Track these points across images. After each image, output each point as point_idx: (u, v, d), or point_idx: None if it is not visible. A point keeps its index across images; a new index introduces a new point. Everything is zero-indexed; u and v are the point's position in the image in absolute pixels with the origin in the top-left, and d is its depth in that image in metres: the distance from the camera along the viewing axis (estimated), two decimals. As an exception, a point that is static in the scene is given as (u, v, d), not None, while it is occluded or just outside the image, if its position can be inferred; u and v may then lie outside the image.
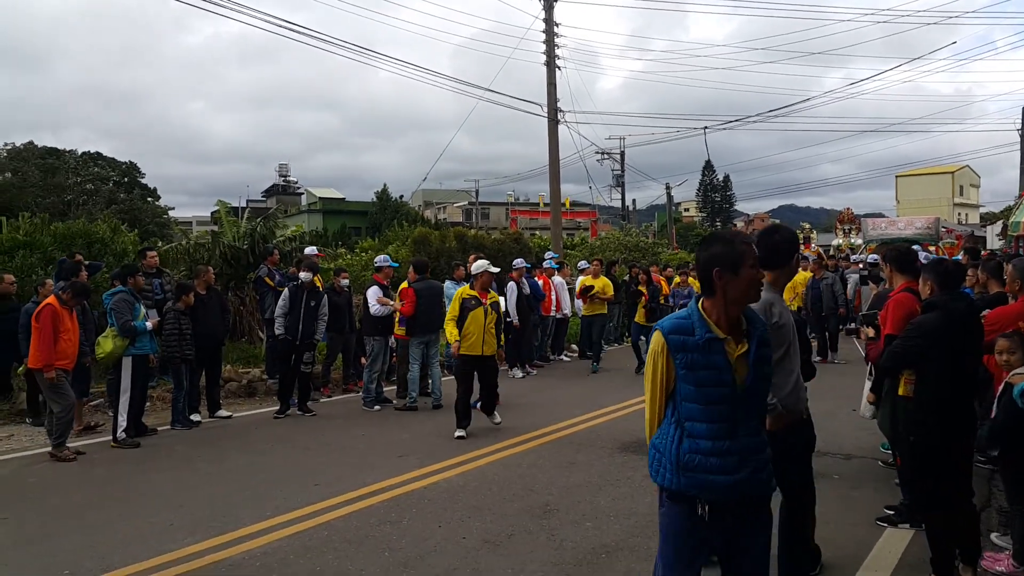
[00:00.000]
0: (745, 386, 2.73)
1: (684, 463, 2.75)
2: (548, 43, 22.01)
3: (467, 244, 20.75)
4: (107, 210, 28.51)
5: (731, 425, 2.72)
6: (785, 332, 3.76)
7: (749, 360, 2.74)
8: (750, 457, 2.75)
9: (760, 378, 2.78)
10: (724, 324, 2.76)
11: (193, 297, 8.92)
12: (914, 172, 66.95)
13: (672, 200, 48.66)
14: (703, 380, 2.72)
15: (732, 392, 2.71)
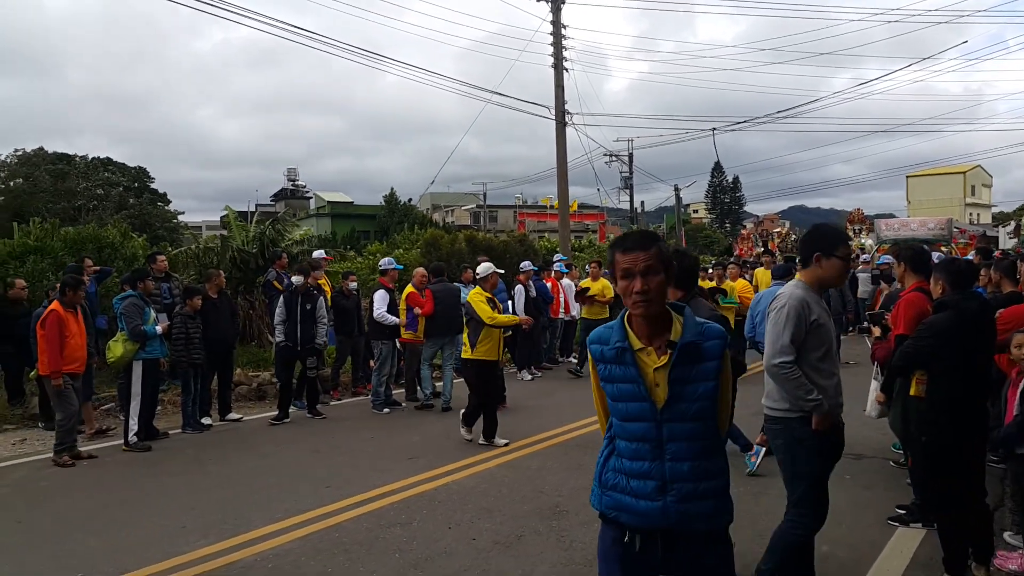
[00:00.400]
0: (665, 403, 2.44)
1: (604, 481, 2.58)
2: (556, 45, 22.01)
3: (477, 247, 20.76)
4: (117, 215, 28.68)
5: (653, 446, 2.46)
6: (823, 333, 3.62)
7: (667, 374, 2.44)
8: (676, 484, 2.44)
9: (682, 397, 2.44)
10: (645, 332, 2.49)
11: (200, 301, 8.96)
12: (925, 172, 66.56)
13: (681, 201, 48.57)
14: (619, 394, 2.51)
15: (651, 409, 2.45)
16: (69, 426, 7.57)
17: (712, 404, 2.47)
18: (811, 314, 3.59)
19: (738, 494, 5.93)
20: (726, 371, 2.52)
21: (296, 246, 15.13)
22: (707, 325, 2.50)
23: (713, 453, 2.53)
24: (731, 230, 64.54)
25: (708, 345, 2.46)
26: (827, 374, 3.62)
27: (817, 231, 3.87)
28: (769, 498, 5.88)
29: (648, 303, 2.43)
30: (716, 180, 79.51)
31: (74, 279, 8.06)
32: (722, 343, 2.49)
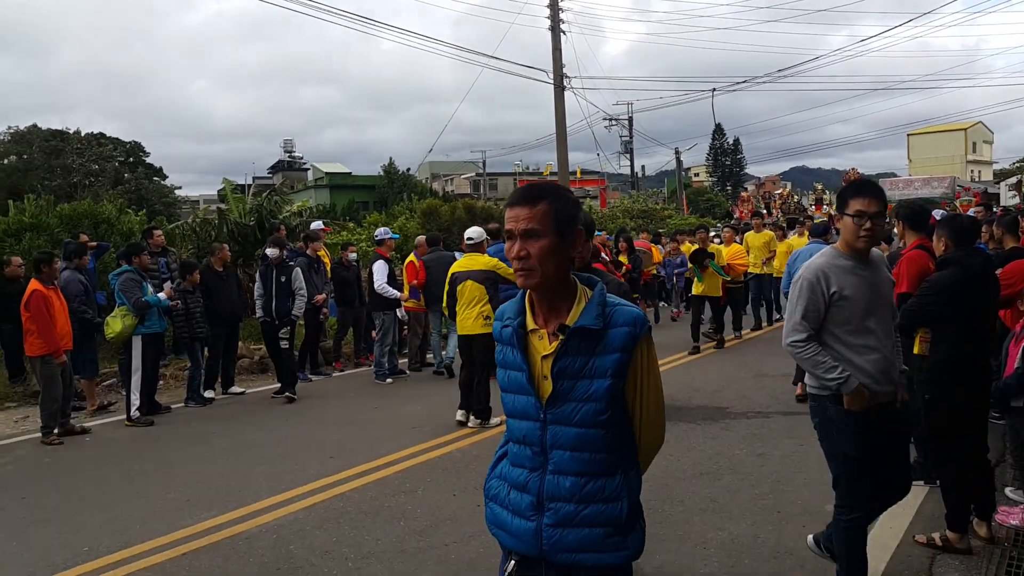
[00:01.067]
0: (549, 400, 2.02)
1: (487, 489, 2.24)
2: (552, 7, 21.70)
3: (476, 215, 20.65)
4: (113, 190, 28.54)
5: (535, 452, 2.06)
6: (850, 306, 3.33)
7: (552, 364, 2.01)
8: (554, 504, 2.03)
9: (568, 395, 2.00)
10: (542, 310, 2.07)
11: (199, 276, 8.92)
12: (926, 130, 65.95)
13: (681, 165, 48.29)
14: (508, 383, 2.12)
15: (535, 405, 2.04)
16: (53, 409, 7.52)
17: (610, 408, 1.99)
18: (830, 286, 3.33)
19: (739, 456, 6.00)
20: (639, 369, 2.02)
21: (294, 218, 15.04)
22: (617, 308, 2.02)
23: (609, 470, 2.04)
24: (732, 193, 64.17)
25: (613, 333, 1.98)
26: (861, 349, 3.35)
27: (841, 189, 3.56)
28: (773, 460, 5.89)
29: (527, 273, 1.98)
30: (717, 143, 78.84)
31: (45, 253, 8.02)
32: (632, 332, 1.99)
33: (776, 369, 9.42)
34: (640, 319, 2.02)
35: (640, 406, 2.06)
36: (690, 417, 7.31)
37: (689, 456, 6.07)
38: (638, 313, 2.04)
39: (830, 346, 3.41)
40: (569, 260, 2.04)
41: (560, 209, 2.00)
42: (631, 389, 2.04)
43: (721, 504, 5.01)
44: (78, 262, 8.70)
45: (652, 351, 2.07)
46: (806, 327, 3.40)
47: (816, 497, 5.04)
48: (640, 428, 2.09)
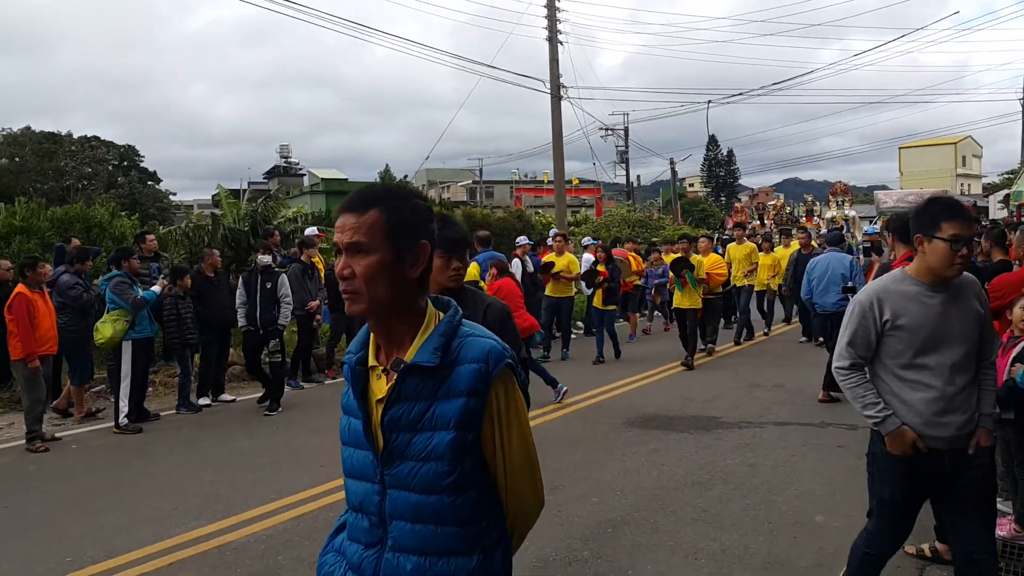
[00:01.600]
0: (382, 457, 1.66)
1: (319, 565, 1.87)
2: (550, 18, 21.75)
3: (474, 223, 20.67)
4: (106, 194, 28.46)
5: (373, 523, 1.70)
6: (907, 336, 3.01)
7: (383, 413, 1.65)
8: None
9: (404, 452, 1.63)
10: (382, 341, 1.72)
11: (190, 280, 8.87)
12: (917, 144, 66.38)
13: (676, 175, 48.42)
14: (346, 434, 1.79)
15: (373, 463, 1.67)
16: (38, 412, 7.47)
17: (456, 469, 1.59)
18: (883, 312, 3.04)
19: (731, 466, 5.98)
20: (496, 416, 1.63)
21: (289, 224, 15.01)
22: (469, 340, 1.64)
23: (461, 549, 1.63)
24: (726, 203, 64.40)
25: (459, 372, 1.60)
26: (915, 385, 3.03)
27: (923, 207, 3.13)
28: (765, 470, 5.87)
29: (351, 297, 1.64)
30: (711, 153, 79.17)
31: (31, 258, 7.98)
32: (482, 370, 1.60)
33: (768, 380, 9.42)
34: (496, 353, 1.63)
35: (503, 465, 1.66)
36: (682, 427, 7.30)
37: (681, 466, 6.04)
38: (493, 346, 1.64)
39: (881, 378, 3.14)
40: (412, 281, 1.66)
41: (395, 218, 1.64)
42: (488, 443, 1.64)
43: (712, 514, 4.98)
44: (79, 267, 8.65)
45: (514, 393, 1.67)
46: (852, 354, 3.15)
47: (808, 508, 5.03)
48: (505, 493, 1.69)
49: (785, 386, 8.98)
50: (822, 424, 7.14)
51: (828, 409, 7.70)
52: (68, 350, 8.39)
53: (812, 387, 8.80)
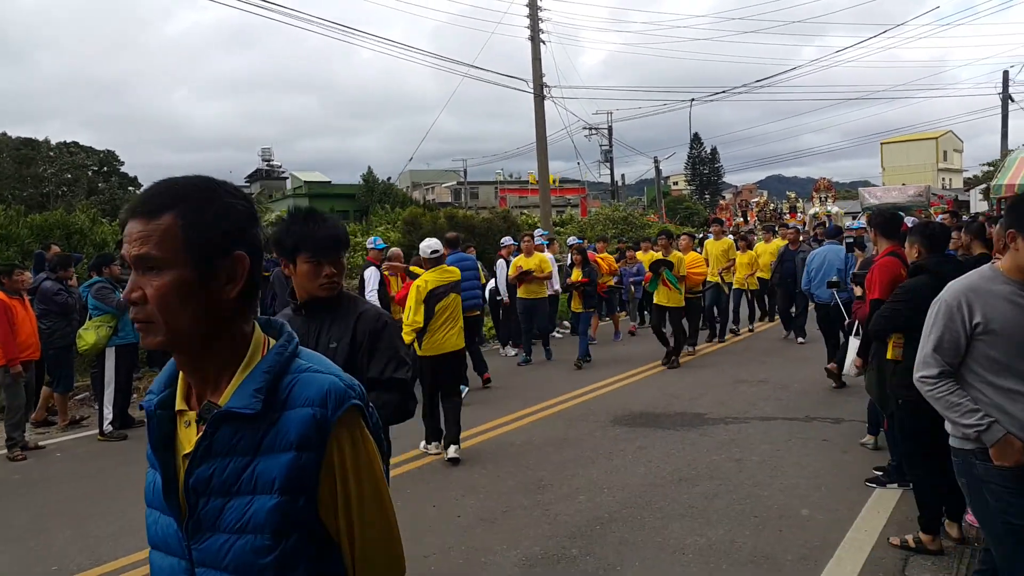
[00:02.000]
0: (188, 527, 1.30)
1: None
2: (532, 17, 21.76)
3: (457, 224, 20.64)
4: (87, 200, 28.22)
5: None
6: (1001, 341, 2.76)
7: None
8: None
9: (214, 522, 1.27)
10: (190, 379, 1.34)
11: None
12: (899, 139, 66.99)
13: (660, 174, 48.60)
14: (149, 493, 1.41)
15: (178, 533, 1.31)
16: (17, 419, 7.42)
17: (279, 545, 1.24)
18: (973, 315, 2.79)
19: (716, 462, 6.03)
20: (340, 476, 1.27)
21: (271, 227, 14.93)
22: (304, 377, 1.29)
23: None
24: (711, 201, 64.72)
25: (288, 419, 1.25)
26: (1013, 395, 2.76)
27: (1018, 200, 2.92)
28: (750, 465, 5.92)
29: (146, 327, 1.26)
30: (695, 152, 79.52)
31: (8, 265, 7.96)
32: (319, 416, 1.25)
33: (753, 375, 9.49)
34: (337, 393, 1.28)
35: (349, 535, 1.30)
36: (668, 424, 7.34)
37: (667, 462, 6.08)
38: (334, 384, 1.29)
39: (972, 386, 2.87)
40: (226, 303, 1.27)
41: (197, 223, 1.25)
42: (328, 508, 1.27)
43: (699, 510, 5.02)
44: (61, 274, 8.59)
45: (363, 442, 1.31)
46: (939, 361, 2.89)
47: (793, 501, 5.08)
48: (352, 571, 1.32)
49: (770, 381, 9.05)
50: (807, 419, 7.21)
51: (813, 404, 7.77)
52: (51, 357, 8.32)
53: (797, 382, 8.89)
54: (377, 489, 1.33)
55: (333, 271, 2.74)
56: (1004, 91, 32.43)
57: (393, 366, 2.81)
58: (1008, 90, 32.41)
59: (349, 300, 2.89)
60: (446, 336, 6.63)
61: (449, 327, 6.65)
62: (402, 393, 2.83)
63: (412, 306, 6.54)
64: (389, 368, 2.80)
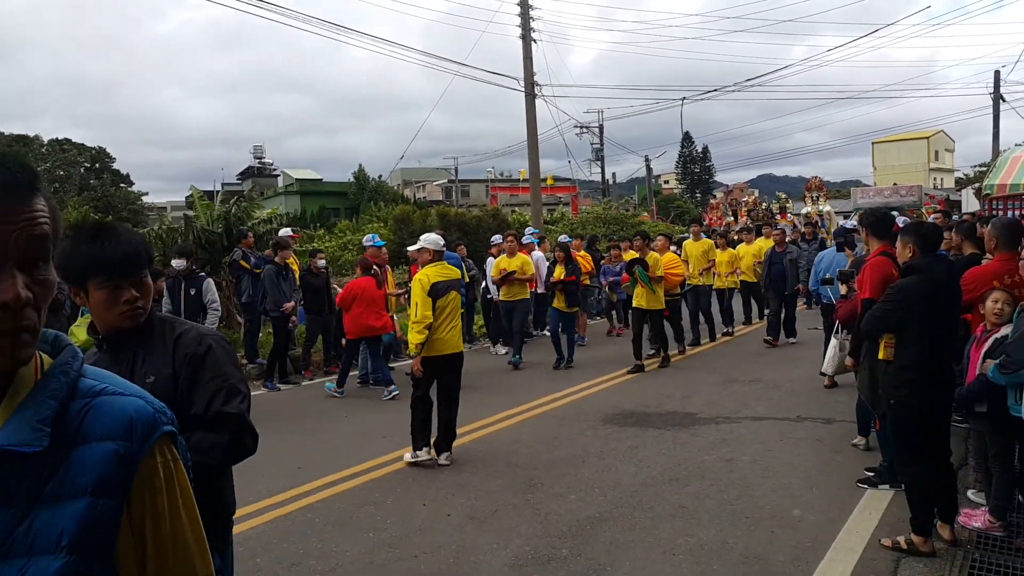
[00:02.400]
0: None
1: None
2: (523, 15, 21.75)
3: (449, 222, 20.63)
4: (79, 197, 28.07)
5: None
6: None
7: None
8: None
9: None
10: None
11: (164, 284, 8.76)
12: (890, 139, 67.25)
13: (651, 172, 48.69)
14: None
15: None
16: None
17: None
18: None
19: (708, 462, 6.02)
20: (151, 524, 1.05)
21: (263, 225, 14.87)
22: (96, 402, 1.05)
23: None
24: (702, 200, 64.84)
25: (83, 455, 1.01)
26: None
27: None
28: (742, 465, 5.92)
29: None
30: (686, 150, 79.69)
31: None
32: (123, 452, 1.02)
33: (745, 375, 9.50)
34: (144, 419, 1.06)
35: None
36: (659, 423, 7.34)
37: (658, 462, 6.08)
38: (141, 408, 1.06)
39: None
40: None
41: None
42: (129, 563, 1.03)
43: (690, 510, 5.02)
44: None
45: (177, 476, 1.09)
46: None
47: (785, 502, 5.09)
48: None
49: (762, 381, 9.06)
50: (798, 419, 7.22)
51: (804, 404, 7.78)
52: None
53: (789, 382, 8.90)
54: (197, 540, 1.11)
55: (135, 295, 2.22)
56: (995, 91, 32.58)
57: (222, 398, 2.31)
58: (999, 90, 32.56)
59: (163, 324, 2.37)
60: (447, 336, 6.28)
61: (450, 326, 6.31)
62: (235, 430, 2.34)
63: (419, 301, 6.15)
64: (217, 400, 2.30)
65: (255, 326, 10.94)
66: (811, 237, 13.76)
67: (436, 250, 6.47)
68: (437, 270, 6.36)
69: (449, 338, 6.30)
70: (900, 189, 27.01)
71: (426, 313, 6.13)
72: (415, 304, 6.18)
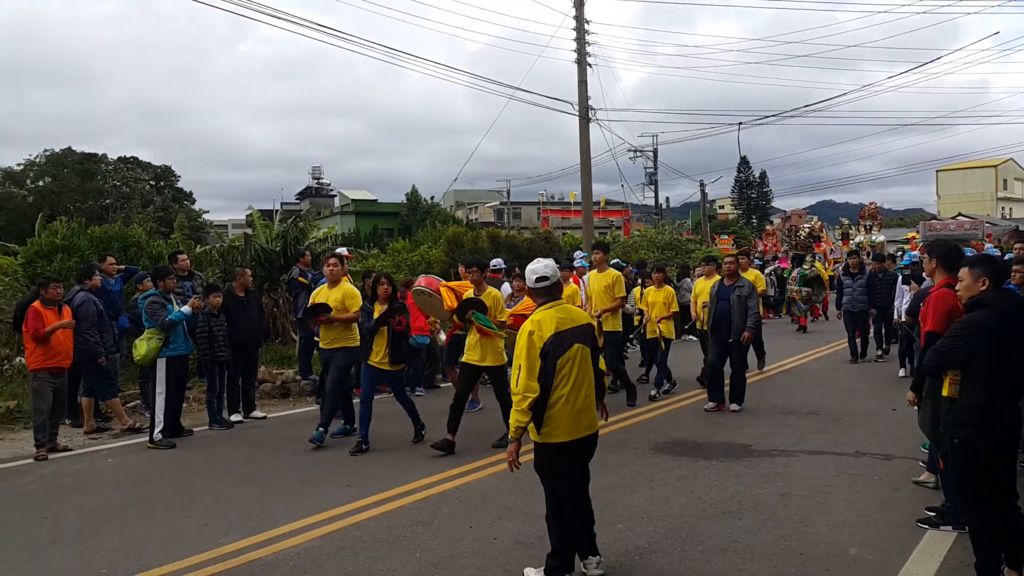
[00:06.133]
0: None
1: None
2: (579, 40, 21.89)
3: (499, 244, 20.74)
4: (142, 213, 29.06)
5: None
6: None
7: None
8: None
9: None
10: None
11: (220, 299, 9.02)
12: (955, 167, 65.44)
13: (706, 197, 48.22)
14: None
15: None
16: (40, 421, 7.80)
17: None
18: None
19: (761, 496, 5.88)
20: None
21: (319, 244, 15.19)
22: None
23: None
24: (758, 226, 63.88)
25: None
26: None
27: None
28: (797, 500, 5.78)
29: None
30: (742, 175, 78.74)
31: (44, 278, 8.37)
32: None
33: (801, 407, 9.28)
34: None
35: None
36: (711, 454, 7.21)
37: (710, 494, 5.96)
38: None
39: None
40: None
41: None
42: None
43: (743, 544, 4.91)
44: (88, 283, 8.87)
45: None
46: None
47: (841, 539, 4.94)
48: None
49: (819, 413, 8.84)
50: (857, 454, 7.01)
51: (863, 438, 7.56)
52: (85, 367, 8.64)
53: (848, 414, 8.67)
54: None
55: None
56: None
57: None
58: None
59: None
60: (572, 411, 4.29)
61: (576, 397, 4.30)
62: None
63: (523, 363, 4.23)
64: None
65: (309, 343, 11.14)
66: (856, 269, 12.97)
67: (533, 287, 4.55)
68: (554, 314, 4.37)
69: (574, 414, 4.31)
70: (964, 223, 26.03)
71: (531, 383, 4.20)
72: (516, 367, 4.28)
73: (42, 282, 8.19)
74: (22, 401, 9.42)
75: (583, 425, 4.36)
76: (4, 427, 9.11)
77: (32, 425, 8.02)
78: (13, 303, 11.24)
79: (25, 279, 11.69)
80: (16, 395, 9.74)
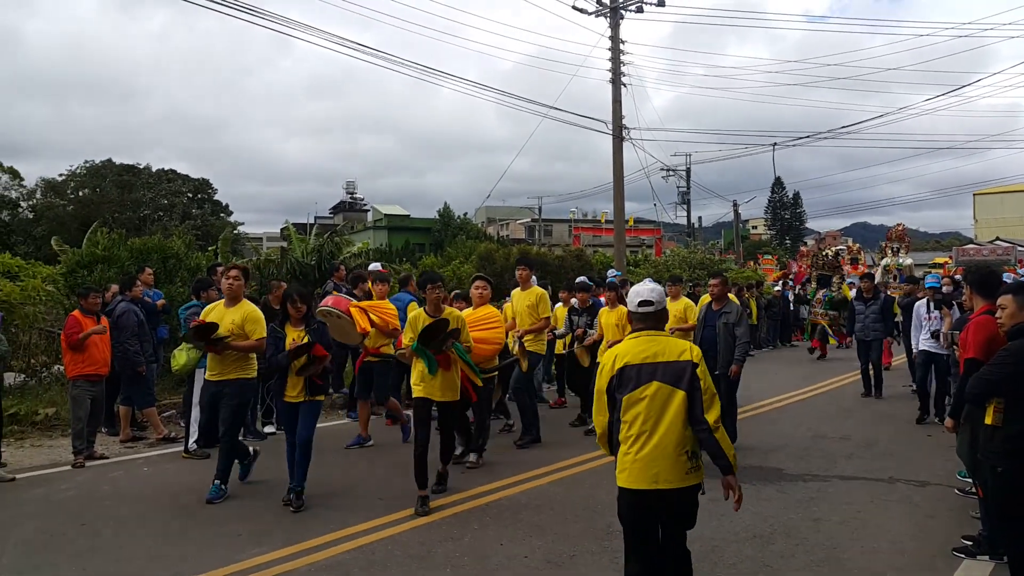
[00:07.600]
0: None
1: None
2: (614, 60, 22.01)
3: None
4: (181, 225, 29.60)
5: None
6: None
7: None
8: None
9: None
10: None
11: (263, 312, 9.15)
12: (993, 190, 64.21)
13: (739, 217, 47.88)
14: None
15: None
16: (78, 429, 8.01)
17: None
18: None
19: (793, 520, 5.82)
20: None
21: (354, 259, 15.38)
22: None
23: None
24: (792, 247, 63.23)
25: None
26: None
27: None
28: (829, 525, 5.70)
29: None
30: (776, 196, 78.13)
31: (84, 288, 8.62)
32: None
33: (835, 431, 9.16)
34: None
35: None
36: (742, 477, 7.09)
37: (740, 517, 5.89)
38: None
39: None
40: None
41: None
42: None
43: (774, 569, 4.86)
44: (130, 294, 9.10)
45: None
46: None
47: (875, 565, 4.87)
48: None
49: (852, 438, 8.72)
50: (891, 480, 6.91)
51: (897, 464, 7.44)
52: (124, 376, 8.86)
53: (881, 440, 8.54)
54: None
55: None
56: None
57: None
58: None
59: None
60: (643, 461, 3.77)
61: (647, 443, 3.75)
62: None
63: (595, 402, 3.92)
64: None
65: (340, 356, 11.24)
66: (869, 294, 11.74)
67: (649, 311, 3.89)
68: (635, 345, 3.84)
69: (643, 462, 3.76)
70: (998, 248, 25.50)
71: (597, 417, 3.94)
72: (598, 405, 3.92)
73: (82, 292, 8.45)
74: (61, 409, 9.63)
75: (651, 476, 3.73)
76: (43, 434, 9.31)
77: (70, 432, 8.23)
78: (53, 312, 11.57)
79: (66, 288, 11.97)
80: (55, 402, 9.95)
